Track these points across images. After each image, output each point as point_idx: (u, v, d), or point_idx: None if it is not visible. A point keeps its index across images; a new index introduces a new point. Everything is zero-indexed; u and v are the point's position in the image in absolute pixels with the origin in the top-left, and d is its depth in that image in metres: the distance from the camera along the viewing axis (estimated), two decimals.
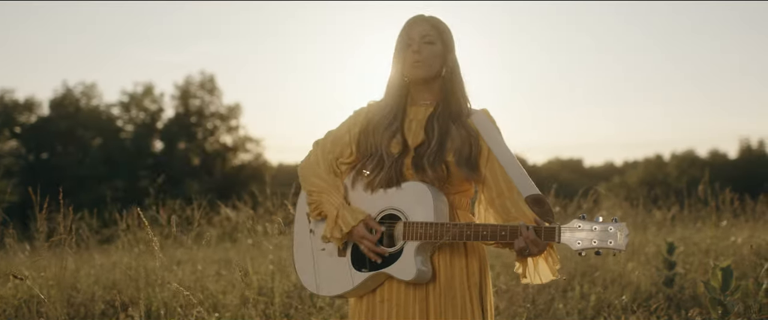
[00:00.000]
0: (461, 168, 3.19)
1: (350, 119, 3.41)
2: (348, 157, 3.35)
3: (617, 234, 2.89)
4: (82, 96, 45.19)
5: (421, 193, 3.15)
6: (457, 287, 3.20)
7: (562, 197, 9.17)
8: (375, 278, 3.21)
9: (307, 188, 3.33)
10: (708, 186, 8.78)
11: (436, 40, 3.26)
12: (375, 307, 3.26)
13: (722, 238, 7.96)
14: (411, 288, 3.20)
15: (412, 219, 3.13)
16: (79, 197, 29.77)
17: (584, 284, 6.60)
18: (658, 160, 53.05)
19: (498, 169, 3.21)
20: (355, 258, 3.24)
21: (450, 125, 3.24)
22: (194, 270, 7.22)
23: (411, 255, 3.12)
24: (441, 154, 3.19)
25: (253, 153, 46.80)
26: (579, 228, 2.92)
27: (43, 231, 5.52)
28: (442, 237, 3.08)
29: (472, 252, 3.25)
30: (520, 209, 3.15)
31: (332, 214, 3.21)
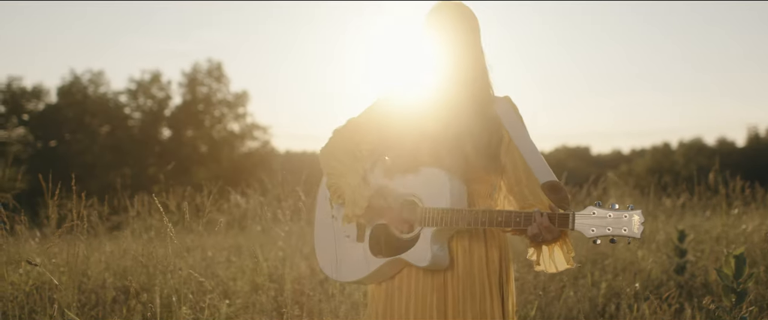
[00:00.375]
0: (480, 158, 3.18)
1: (371, 107, 3.41)
2: (369, 144, 3.34)
3: (632, 221, 2.86)
4: (89, 83, 45.25)
5: (438, 180, 3.14)
6: (476, 275, 3.19)
7: (572, 185, 9.15)
8: (392, 264, 3.21)
9: (327, 171, 3.34)
10: (718, 174, 8.74)
11: (460, 30, 3.24)
12: (393, 295, 3.26)
13: (733, 226, 7.93)
14: (429, 276, 3.19)
15: (429, 206, 3.12)
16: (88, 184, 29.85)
17: (595, 272, 6.58)
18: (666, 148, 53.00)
19: (518, 157, 3.20)
20: (372, 244, 3.23)
21: (471, 114, 3.22)
22: (204, 257, 7.22)
23: (427, 241, 3.11)
24: (460, 143, 3.17)
25: (260, 140, 46.86)
26: (593, 215, 2.90)
27: (54, 218, 5.52)
28: (457, 224, 3.07)
29: (492, 240, 3.24)
30: (538, 196, 3.14)
31: (349, 194, 3.21)
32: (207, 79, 46.22)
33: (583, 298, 5.94)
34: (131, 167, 42.17)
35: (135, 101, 45.92)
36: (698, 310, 5.58)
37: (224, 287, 6.19)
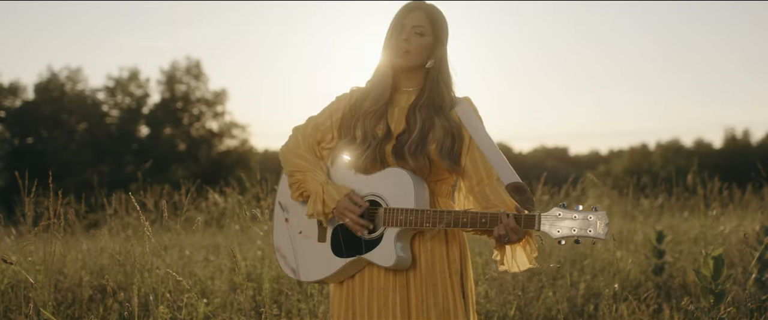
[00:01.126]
0: (443, 159, 3.20)
1: (332, 105, 3.41)
2: (329, 142, 3.36)
3: (597, 222, 2.90)
4: (67, 80, 45.01)
5: (402, 180, 3.15)
6: (437, 274, 3.22)
7: (551, 185, 9.15)
8: (354, 264, 3.23)
9: (289, 169, 3.33)
10: (697, 175, 8.78)
11: (428, 31, 3.25)
12: (355, 293, 3.28)
13: (711, 227, 7.96)
14: (391, 275, 3.22)
15: (393, 206, 3.13)
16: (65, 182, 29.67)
17: (574, 272, 6.59)
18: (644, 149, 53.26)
19: (478, 157, 3.23)
20: (334, 244, 3.25)
21: (433, 116, 3.24)
22: (182, 256, 7.18)
23: (391, 242, 3.13)
24: (423, 144, 3.19)
25: (238, 139, 46.76)
26: (559, 216, 2.94)
27: (30, 216, 5.47)
28: (422, 224, 3.09)
29: (453, 240, 3.27)
30: (500, 196, 3.18)
31: (318, 191, 3.21)
32: (186, 76, 46.10)
33: (562, 298, 5.95)
34: (109, 165, 41.99)
35: (113, 98, 45.74)
36: (676, 311, 5.60)
37: (202, 286, 6.16)
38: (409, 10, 3.26)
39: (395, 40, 3.24)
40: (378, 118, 3.25)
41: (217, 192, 8.82)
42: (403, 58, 3.23)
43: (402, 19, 3.25)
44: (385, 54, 3.28)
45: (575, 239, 2.92)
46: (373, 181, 3.21)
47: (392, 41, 3.25)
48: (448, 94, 3.29)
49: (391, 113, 3.29)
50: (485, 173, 3.21)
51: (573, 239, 2.92)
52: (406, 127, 3.23)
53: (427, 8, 3.27)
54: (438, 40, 3.27)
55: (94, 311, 5.50)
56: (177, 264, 6.80)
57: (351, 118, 3.30)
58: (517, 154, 55.86)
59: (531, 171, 8.99)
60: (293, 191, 3.31)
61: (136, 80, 45.81)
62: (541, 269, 6.38)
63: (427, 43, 3.24)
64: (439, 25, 3.27)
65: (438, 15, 3.28)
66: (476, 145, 3.22)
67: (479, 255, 6.75)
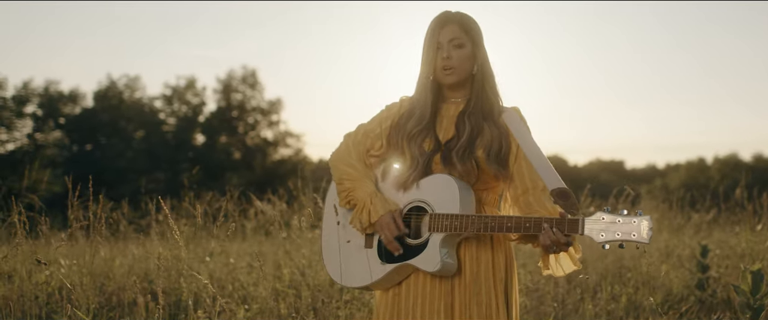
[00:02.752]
0: (491, 164, 3.20)
1: (382, 113, 3.43)
2: (378, 149, 3.38)
3: (640, 226, 2.88)
4: (125, 88, 45.67)
5: (447, 185, 3.17)
6: (482, 282, 3.21)
7: (598, 197, 9.11)
8: (400, 270, 3.24)
9: (338, 176, 3.36)
10: (745, 190, 8.67)
11: (466, 41, 3.26)
12: (400, 300, 3.28)
13: (758, 242, 7.86)
14: (436, 282, 3.22)
15: (439, 211, 3.15)
16: (121, 188, 30.09)
17: (615, 285, 6.55)
18: (701, 163, 52.53)
19: (525, 167, 3.23)
20: (381, 250, 3.26)
21: (482, 122, 3.25)
22: (227, 263, 7.27)
23: (436, 247, 3.14)
24: (471, 148, 3.21)
25: (293, 148, 47.02)
26: (602, 220, 2.92)
27: (78, 220, 5.59)
28: (466, 229, 3.09)
29: (499, 247, 3.27)
30: (543, 205, 3.18)
31: (365, 201, 3.24)
32: (241, 85, 46.49)
33: (601, 312, 5.92)
34: (165, 172, 42.49)
35: (170, 106, 46.26)
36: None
37: (244, 292, 6.23)
38: (442, 25, 3.26)
39: (437, 60, 3.25)
40: (423, 138, 3.27)
41: (265, 200, 8.91)
42: (450, 76, 3.25)
43: (437, 36, 3.25)
44: (425, 69, 3.28)
45: (619, 243, 2.91)
46: (420, 188, 3.23)
47: (432, 60, 3.25)
48: (495, 100, 3.30)
49: (440, 124, 3.30)
50: (531, 184, 3.21)
51: (617, 243, 2.91)
52: (455, 133, 3.25)
53: (457, 18, 3.28)
54: (476, 46, 3.27)
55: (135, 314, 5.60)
56: (222, 270, 6.90)
57: (396, 135, 3.33)
58: (572, 167, 55.48)
59: (585, 184, 8.91)
60: (341, 199, 3.33)
61: (193, 89, 46.31)
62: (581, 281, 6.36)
63: (468, 53, 3.25)
64: (475, 31, 3.29)
65: (469, 21, 3.29)
66: (523, 155, 3.22)
67: (522, 267, 6.74)
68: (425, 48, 3.28)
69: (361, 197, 3.25)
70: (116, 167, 40.60)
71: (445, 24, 3.27)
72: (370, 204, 3.22)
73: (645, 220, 2.88)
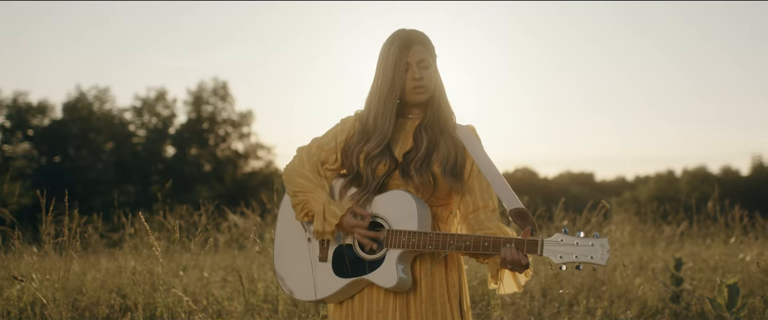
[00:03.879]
0: (447, 177, 3.24)
1: (337, 126, 3.44)
2: (333, 163, 3.40)
3: (598, 249, 2.95)
4: (95, 100, 45.34)
5: (405, 202, 3.19)
6: (437, 297, 3.26)
7: (571, 211, 9.13)
8: (355, 284, 3.26)
9: (293, 189, 3.34)
10: (717, 203, 8.73)
11: (430, 61, 3.30)
12: (354, 313, 3.31)
13: (731, 255, 7.91)
14: (390, 296, 3.25)
15: (396, 227, 3.16)
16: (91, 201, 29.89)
17: (590, 298, 6.57)
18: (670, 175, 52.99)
19: (477, 185, 3.28)
20: (336, 264, 3.27)
21: (438, 135, 3.30)
22: (200, 277, 7.22)
23: (393, 263, 3.16)
24: (428, 161, 3.24)
25: (264, 160, 46.88)
26: (561, 242, 2.99)
27: (50, 234, 5.53)
28: (425, 247, 3.13)
29: (452, 263, 3.32)
30: (494, 222, 3.22)
31: (319, 210, 3.24)
32: (212, 97, 46.33)
33: None
34: (135, 184, 42.23)
35: (140, 118, 46.01)
36: None
37: (218, 306, 6.19)
38: (407, 46, 3.25)
39: (407, 80, 3.26)
40: (380, 159, 3.28)
41: (238, 213, 8.86)
42: (421, 95, 3.28)
43: (403, 58, 3.24)
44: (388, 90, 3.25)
45: (576, 264, 2.98)
46: (376, 203, 3.25)
47: (400, 80, 3.24)
48: (450, 115, 3.36)
49: (394, 138, 3.32)
50: (482, 202, 3.26)
51: (574, 264, 2.98)
52: (414, 145, 3.29)
53: (419, 38, 3.29)
54: (435, 65, 3.34)
55: None
56: (196, 284, 6.84)
57: (349, 152, 3.35)
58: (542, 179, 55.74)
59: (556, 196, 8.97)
60: (297, 212, 3.33)
61: (163, 100, 46.09)
62: (557, 295, 6.37)
63: (433, 73, 3.31)
64: (433, 49, 3.34)
65: (429, 41, 3.33)
66: (477, 172, 3.28)
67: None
68: (390, 67, 3.26)
69: (316, 207, 3.26)
70: (86, 179, 40.33)
71: (411, 44, 3.27)
72: (324, 211, 3.23)
73: (603, 243, 2.96)
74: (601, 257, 2.94)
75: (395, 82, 3.25)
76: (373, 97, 3.31)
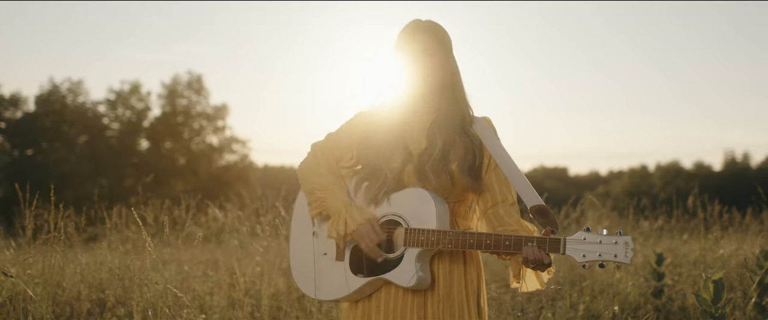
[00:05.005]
0: (465, 176, 3.17)
1: (351, 122, 3.37)
2: (349, 160, 3.33)
3: (622, 247, 2.89)
4: (68, 93, 44.96)
5: (423, 200, 3.13)
6: (455, 295, 3.19)
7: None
8: (372, 284, 3.20)
9: (309, 187, 3.29)
10: (697, 198, 8.77)
11: (437, 50, 3.22)
12: (371, 313, 3.24)
13: (711, 250, 7.95)
14: (409, 295, 3.18)
15: (414, 226, 3.11)
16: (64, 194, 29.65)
17: (573, 294, 6.58)
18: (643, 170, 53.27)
19: (495, 179, 3.22)
20: (353, 263, 3.22)
21: (453, 134, 3.22)
22: (180, 271, 7.17)
23: (411, 262, 3.11)
24: (445, 162, 3.17)
25: (238, 154, 46.68)
26: (584, 240, 2.93)
27: (30, 228, 5.47)
28: (444, 245, 3.07)
29: (470, 260, 3.25)
30: (516, 219, 3.17)
31: (340, 211, 3.18)
32: (187, 91, 46.07)
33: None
34: (108, 178, 41.93)
35: (114, 111, 45.68)
36: None
37: (200, 301, 6.15)
38: (413, 34, 3.23)
39: (410, 68, 3.22)
40: (392, 149, 3.23)
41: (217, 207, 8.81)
42: (423, 84, 3.22)
43: (409, 45, 3.22)
44: (397, 80, 3.24)
45: (600, 263, 2.92)
46: (393, 201, 3.19)
47: (406, 68, 3.22)
48: (466, 110, 3.28)
49: (411, 135, 3.25)
50: (501, 197, 3.20)
51: (598, 263, 2.93)
52: (428, 145, 3.21)
53: (429, 27, 3.25)
54: (447, 55, 3.25)
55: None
56: (176, 279, 6.79)
57: (365, 147, 3.28)
58: None
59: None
60: (312, 209, 3.27)
61: (137, 94, 45.79)
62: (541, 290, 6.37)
63: (440, 62, 3.22)
64: (445, 40, 3.26)
65: (439, 30, 3.27)
66: (495, 166, 3.21)
67: None
68: (398, 57, 3.24)
69: (336, 207, 3.20)
70: (59, 172, 39.99)
71: (417, 32, 3.23)
72: (346, 213, 3.16)
73: (626, 240, 2.90)
74: (625, 255, 2.88)
75: (401, 71, 3.22)
76: (387, 89, 3.29)
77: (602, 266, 2.93)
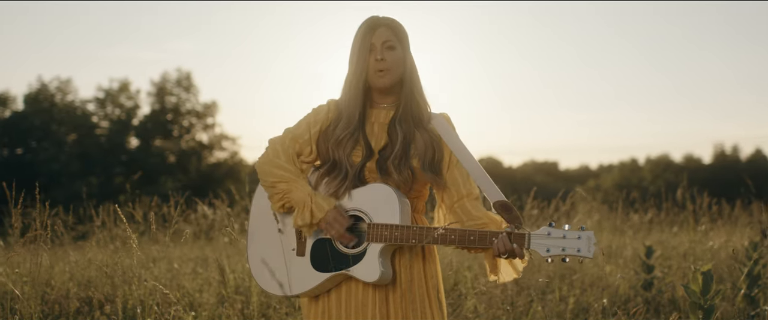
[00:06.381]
0: (426, 172, 3.21)
1: (310, 117, 3.37)
2: (308, 155, 3.32)
3: (585, 242, 2.97)
4: (57, 91, 44.83)
5: (386, 195, 3.16)
6: (415, 290, 3.23)
7: (540, 200, 9.15)
8: (334, 279, 3.22)
9: (270, 181, 3.27)
10: (686, 191, 8.79)
11: (396, 44, 3.25)
12: (331, 308, 3.26)
13: (700, 242, 7.97)
14: (369, 290, 3.21)
15: (376, 221, 3.13)
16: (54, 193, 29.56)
17: (563, 287, 6.59)
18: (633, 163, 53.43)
19: (458, 174, 3.26)
20: (315, 259, 3.22)
21: (413, 129, 3.25)
22: (170, 268, 7.16)
23: (375, 257, 3.13)
24: (406, 157, 3.20)
25: (228, 151, 46.62)
26: (548, 235, 3.00)
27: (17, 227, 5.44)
28: (408, 240, 3.10)
29: (430, 256, 3.30)
30: (482, 211, 3.22)
31: (305, 201, 3.17)
32: (176, 88, 45.98)
33: (551, 313, 5.94)
34: (98, 176, 41.85)
35: (103, 110, 45.55)
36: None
37: (190, 299, 6.13)
38: (373, 28, 3.24)
39: (368, 59, 3.23)
40: (353, 143, 3.24)
41: (206, 204, 8.79)
42: (383, 78, 3.23)
43: (369, 38, 3.23)
44: (355, 72, 3.25)
45: (563, 257, 3.00)
46: (356, 196, 3.20)
47: (364, 62, 3.23)
48: (424, 106, 3.31)
49: (371, 130, 3.28)
50: (466, 191, 3.24)
51: (561, 257, 3.00)
52: (389, 141, 3.23)
53: (388, 22, 3.27)
54: (406, 51, 3.29)
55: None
56: (165, 276, 6.78)
57: (325, 142, 3.29)
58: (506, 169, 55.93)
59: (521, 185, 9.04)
60: (275, 202, 3.26)
61: (127, 92, 45.66)
62: (530, 283, 6.38)
63: (400, 56, 3.25)
64: (404, 35, 3.29)
65: (399, 25, 3.30)
66: (456, 162, 3.25)
67: (468, 270, 6.74)
68: (356, 50, 3.26)
69: (300, 198, 3.19)
70: (49, 171, 39.89)
71: (377, 27, 3.26)
72: (312, 203, 3.17)
73: (589, 236, 2.98)
74: (588, 249, 2.96)
75: (359, 64, 3.23)
76: (344, 82, 3.30)
77: (565, 260, 3.00)
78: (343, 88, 3.30)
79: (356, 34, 3.27)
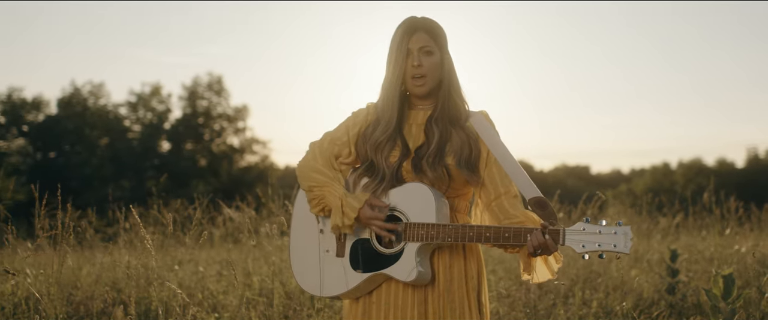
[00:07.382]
0: (461, 169, 3.18)
1: (349, 120, 3.39)
2: (347, 157, 3.34)
3: (621, 237, 2.89)
4: (89, 95, 45.26)
5: (422, 194, 3.14)
6: (455, 290, 3.20)
7: (567, 203, 9.12)
8: (373, 279, 3.21)
9: (307, 184, 3.30)
10: (713, 194, 8.72)
11: (434, 48, 3.24)
12: (371, 309, 3.25)
13: (726, 246, 7.91)
14: (409, 290, 3.19)
15: (414, 221, 3.12)
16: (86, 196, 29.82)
17: (586, 290, 6.56)
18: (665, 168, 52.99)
19: (496, 172, 3.22)
20: (353, 259, 3.23)
21: (449, 128, 3.23)
22: (196, 271, 7.21)
23: (412, 257, 3.11)
24: (440, 155, 3.18)
25: (259, 155, 46.83)
26: (583, 230, 2.93)
27: (44, 229, 5.51)
28: (444, 239, 3.07)
29: (471, 255, 3.26)
30: (520, 210, 3.17)
31: (337, 204, 3.19)
32: (207, 92, 46.24)
33: (573, 317, 5.92)
34: (130, 180, 42.16)
35: (135, 114, 45.92)
36: None
37: (214, 300, 6.17)
38: (410, 33, 3.23)
39: (407, 67, 3.22)
40: (391, 145, 3.24)
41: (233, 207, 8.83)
42: (421, 87, 3.23)
43: (406, 43, 3.22)
44: (393, 76, 3.24)
45: (599, 253, 2.92)
46: (393, 196, 3.19)
47: (401, 67, 3.22)
48: (462, 105, 3.29)
49: (408, 131, 3.28)
50: (503, 189, 3.20)
51: (597, 253, 2.92)
52: (425, 139, 3.23)
53: (425, 24, 3.25)
54: (443, 53, 3.27)
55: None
56: (191, 278, 6.83)
57: (364, 144, 3.30)
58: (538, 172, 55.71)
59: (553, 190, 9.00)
60: (312, 206, 3.28)
61: (158, 95, 46.00)
62: (552, 287, 6.36)
63: (437, 61, 3.23)
64: (442, 38, 3.27)
65: (437, 27, 3.28)
66: (494, 159, 3.21)
67: (492, 273, 6.73)
68: (393, 54, 3.25)
69: (333, 201, 3.21)
70: (81, 175, 40.24)
71: (414, 31, 3.24)
72: (342, 205, 3.18)
73: (625, 231, 2.89)
74: (625, 245, 2.88)
75: (397, 69, 3.22)
76: (382, 86, 3.30)
77: (601, 256, 2.93)
78: (380, 92, 3.31)
79: (393, 36, 3.26)
